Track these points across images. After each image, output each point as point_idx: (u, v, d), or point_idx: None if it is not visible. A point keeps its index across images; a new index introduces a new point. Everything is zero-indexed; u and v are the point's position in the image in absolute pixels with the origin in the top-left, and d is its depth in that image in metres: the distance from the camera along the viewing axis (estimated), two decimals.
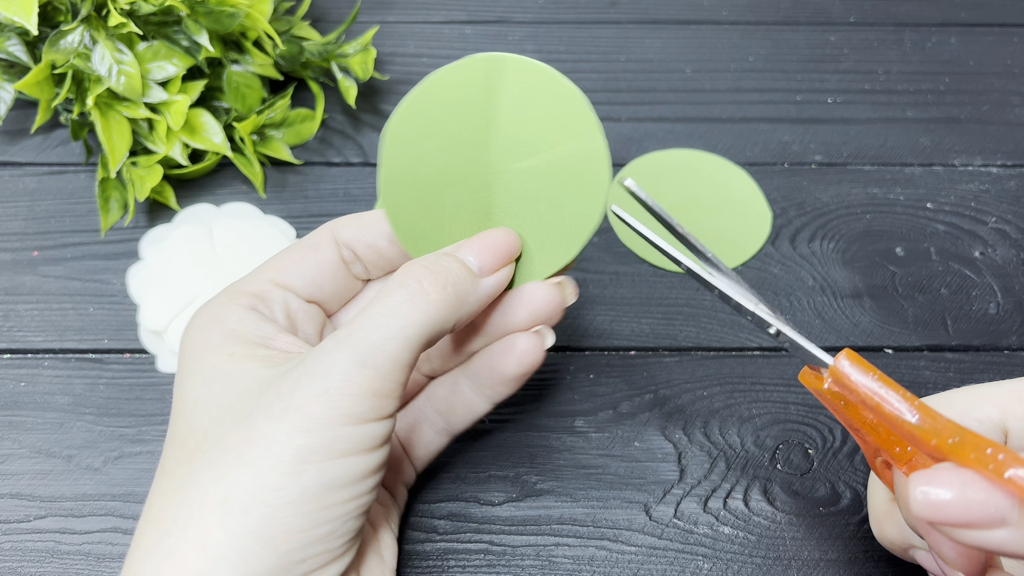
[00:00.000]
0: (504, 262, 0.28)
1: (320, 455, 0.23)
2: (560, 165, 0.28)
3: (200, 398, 0.25)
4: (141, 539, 0.24)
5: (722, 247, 0.42)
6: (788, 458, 0.35)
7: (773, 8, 0.53)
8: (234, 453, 0.23)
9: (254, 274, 0.29)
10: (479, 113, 0.28)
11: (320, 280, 0.29)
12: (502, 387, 0.29)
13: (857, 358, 0.25)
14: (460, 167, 0.28)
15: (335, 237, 0.29)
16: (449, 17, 0.52)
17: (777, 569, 0.33)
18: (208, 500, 0.23)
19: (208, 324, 0.27)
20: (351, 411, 0.23)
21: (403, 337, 0.24)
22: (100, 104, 0.40)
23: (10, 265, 0.41)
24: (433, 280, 0.25)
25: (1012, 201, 0.44)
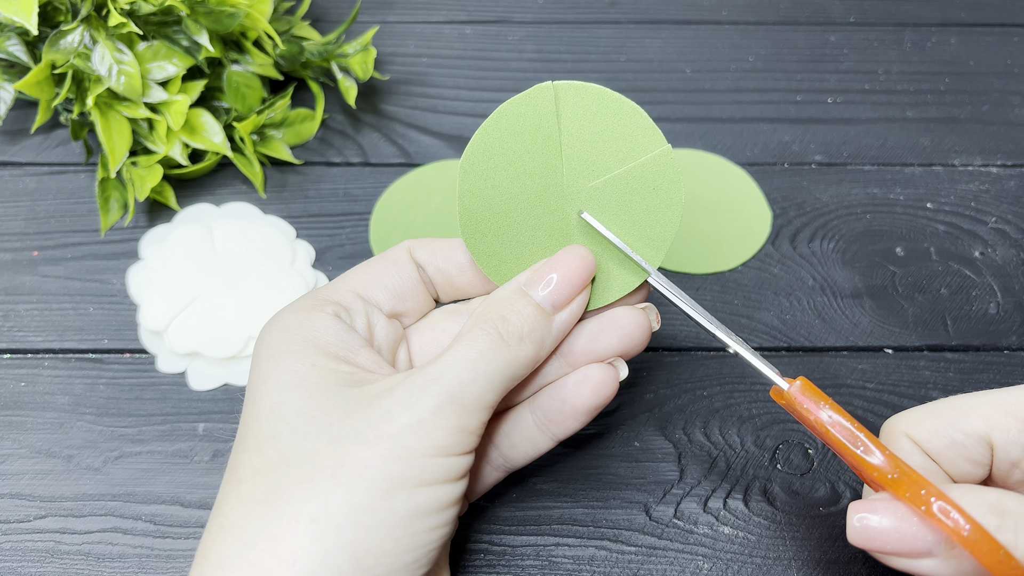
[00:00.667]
0: (577, 291, 0.28)
1: (411, 482, 0.24)
2: (632, 179, 0.29)
3: (277, 404, 0.25)
4: (216, 545, 0.24)
5: (722, 247, 0.42)
6: (788, 458, 0.35)
7: (773, 8, 0.53)
8: (326, 472, 0.24)
9: (337, 283, 0.29)
10: (548, 139, 0.28)
11: (403, 294, 0.30)
12: (571, 422, 0.29)
13: (810, 387, 0.26)
14: (534, 193, 0.29)
15: (412, 256, 0.30)
16: (449, 17, 0.52)
17: (777, 569, 0.33)
18: (299, 516, 0.23)
19: (291, 328, 0.27)
20: (441, 444, 0.24)
21: (488, 381, 0.26)
22: (100, 104, 0.40)
23: (10, 265, 0.41)
24: (511, 331, 0.27)
25: (1012, 201, 0.44)
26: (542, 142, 0.28)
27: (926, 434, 0.26)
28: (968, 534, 0.23)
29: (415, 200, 0.43)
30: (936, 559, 0.24)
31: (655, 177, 0.29)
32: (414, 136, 0.46)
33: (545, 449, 0.30)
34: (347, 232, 0.42)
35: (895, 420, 0.27)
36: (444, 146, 0.46)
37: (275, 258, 0.40)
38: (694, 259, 0.41)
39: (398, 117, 0.47)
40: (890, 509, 0.24)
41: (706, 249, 0.42)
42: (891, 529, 0.24)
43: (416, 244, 0.30)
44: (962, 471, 0.26)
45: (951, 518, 0.23)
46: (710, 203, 0.44)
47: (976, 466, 0.26)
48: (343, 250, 0.42)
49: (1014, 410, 0.26)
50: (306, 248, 0.41)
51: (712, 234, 0.42)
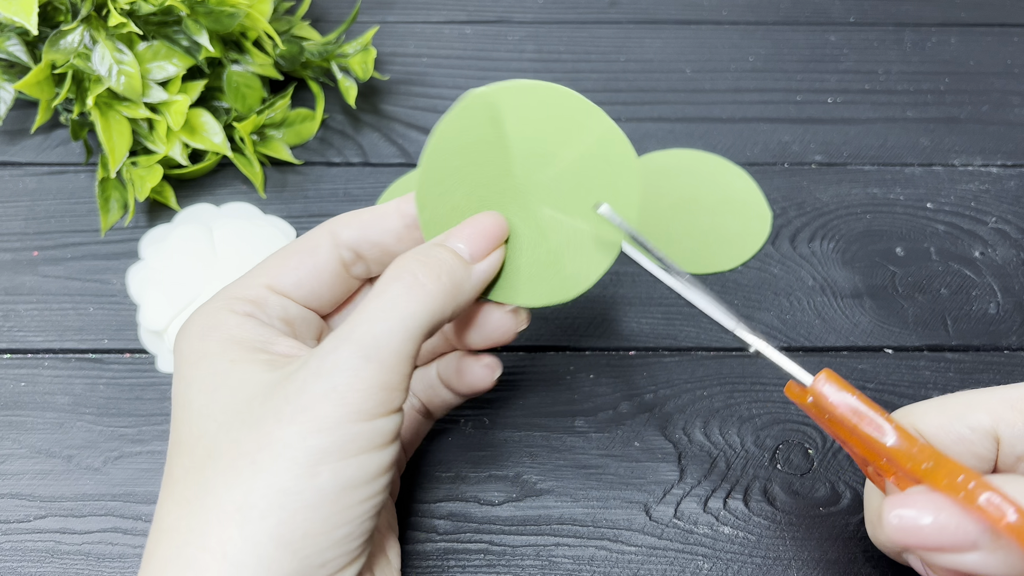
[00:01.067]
0: (493, 245, 0.28)
1: (334, 455, 0.23)
2: (583, 159, 0.29)
3: (204, 404, 0.25)
4: (156, 550, 0.24)
5: (722, 247, 0.42)
6: (788, 458, 0.35)
7: (773, 8, 0.53)
8: (247, 459, 0.23)
9: (248, 278, 0.28)
10: (492, 146, 0.28)
11: (318, 287, 0.28)
12: (469, 393, 0.30)
13: (836, 378, 0.25)
14: (494, 202, 0.29)
15: (335, 238, 0.29)
16: (449, 17, 0.52)
17: (777, 569, 0.33)
18: (225, 507, 0.23)
19: (205, 331, 0.26)
20: (360, 407, 0.23)
21: (404, 329, 0.24)
22: (100, 104, 0.40)
23: (10, 265, 0.41)
24: (427, 271, 0.25)
25: (1012, 201, 0.44)
26: (487, 151, 0.28)
27: (933, 429, 0.26)
28: (1014, 520, 0.21)
29: None
30: (982, 552, 0.22)
31: (603, 152, 0.29)
32: (414, 136, 0.46)
33: (457, 403, 0.31)
34: None
35: (901, 413, 0.27)
36: None
37: None
38: (694, 259, 0.41)
39: (398, 117, 0.47)
40: (928, 501, 0.23)
41: (706, 249, 0.42)
42: (932, 523, 0.23)
43: (340, 222, 0.29)
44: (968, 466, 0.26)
45: (994, 505, 0.22)
46: (710, 203, 0.44)
47: (981, 461, 0.26)
48: None
49: (1020, 404, 0.25)
50: None
51: (712, 234, 0.42)
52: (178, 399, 0.26)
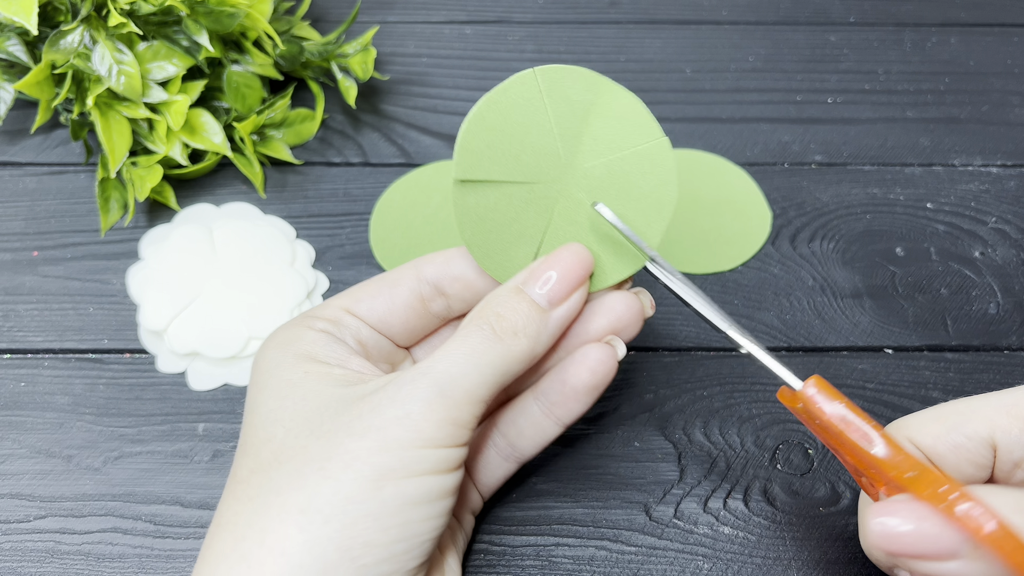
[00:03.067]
0: (575, 286, 0.28)
1: (399, 473, 0.24)
2: (628, 163, 0.29)
3: (274, 410, 0.26)
4: (213, 543, 0.25)
5: (722, 247, 0.42)
6: (788, 458, 0.35)
7: (773, 8, 0.53)
8: (315, 465, 0.24)
9: (329, 302, 0.30)
10: (542, 127, 0.28)
11: (389, 316, 0.30)
12: (574, 404, 0.29)
13: (825, 385, 0.26)
14: (530, 185, 0.29)
15: (418, 272, 0.30)
16: (449, 17, 0.52)
17: (777, 569, 0.33)
18: (288, 508, 0.24)
19: (283, 344, 0.28)
20: (429, 436, 0.25)
21: (479, 375, 0.26)
22: (100, 104, 0.40)
23: (10, 265, 0.41)
24: (505, 327, 0.27)
25: (1012, 201, 0.44)
26: (534, 133, 0.28)
27: (930, 439, 0.26)
28: (991, 531, 0.22)
29: (415, 200, 0.43)
30: (963, 560, 0.23)
31: (649, 163, 0.29)
32: (414, 136, 0.46)
33: (553, 435, 0.30)
34: (347, 232, 0.42)
35: (897, 425, 0.27)
36: (444, 146, 0.46)
37: (275, 258, 0.40)
38: (694, 259, 0.41)
39: (398, 117, 0.47)
40: (910, 510, 0.23)
41: (706, 249, 0.42)
42: (914, 531, 0.23)
43: (424, 260, 0.30)
44: (965, 474, 0.26)
45: (972, 515, 0.22)
46: (710, 203, 0.44)
47: (979, 469, 0.26)
48: (343, 250, 0.42)
49: (1015, 411, 0.25)
50: (306, 248, 0.41)
51: (712, 234, 0.42)
52: (250, 404, 0.27)
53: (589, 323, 0.29)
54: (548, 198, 0.29)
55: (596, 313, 0.29)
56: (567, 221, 0.29)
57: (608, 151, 0.29)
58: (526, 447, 0.31)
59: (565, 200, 0.29)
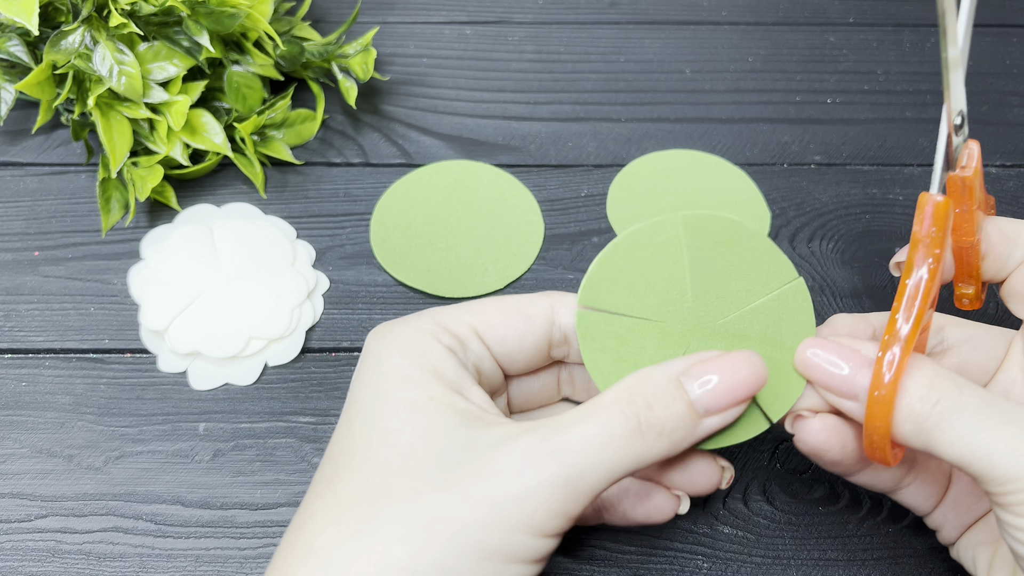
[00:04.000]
0: (738, 400, 0.25)
1: (502, 556, 0.23)
2: (763, 312, 0.28)
3: (391, 432, 0.25)
4: (302, 569, 0.24)
5: None
6: (787, 458, 0.35)
7: (773, 8, 0.53)
8: (424, 520, 0.23)
9: (458, 313, 0.28)
10: (673, 270, 0.27)
11: (517, 353, 0.28)
12: (620, 522, 0.29)
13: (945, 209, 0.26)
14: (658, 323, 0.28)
15: (554, 315, 0.28)
16: (449, 18, 0.52)
17: (776, 569, 0.33)
18: (389, 561, 0.23)
19: (408, 349, 0.26)
20: (541, 524, 0.23)
21: (608, 470, 0.24)
22: (101, 104, 0.40)
23: (11, 265, 0.41)
24: (652, 423, 0.24)
25: (1011, 201, 0.44)
26: (667, 277, 0.27)
27: None
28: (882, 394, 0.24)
29: (415, 201, 0.43)
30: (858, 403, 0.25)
31: (787, 308, 0.28)
32: (414, 136, 0.46)
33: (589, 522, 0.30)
34: (347, 232, 0.42)
35: None
36: (444, 146, 0.46)
37: (276, 258, 0.40)
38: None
39: (398, 117, 0.47)
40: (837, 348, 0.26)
41: None
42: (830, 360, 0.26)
43: (564, 301, 0.28)
44: None
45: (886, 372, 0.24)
46: (710, 203, 0.44)
47: None
48: (343, 250, 0.42)
49: None
50: (307, 248, 0.41)
51: None
52: (363, 409, 0.26)
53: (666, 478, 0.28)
54: (678, 337, 0.28)
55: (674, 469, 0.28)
56: None
57: (741, 302, 0.28)
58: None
59: (696, 342, 0.27)
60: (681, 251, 0.28)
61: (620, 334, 0.27)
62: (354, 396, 0.26)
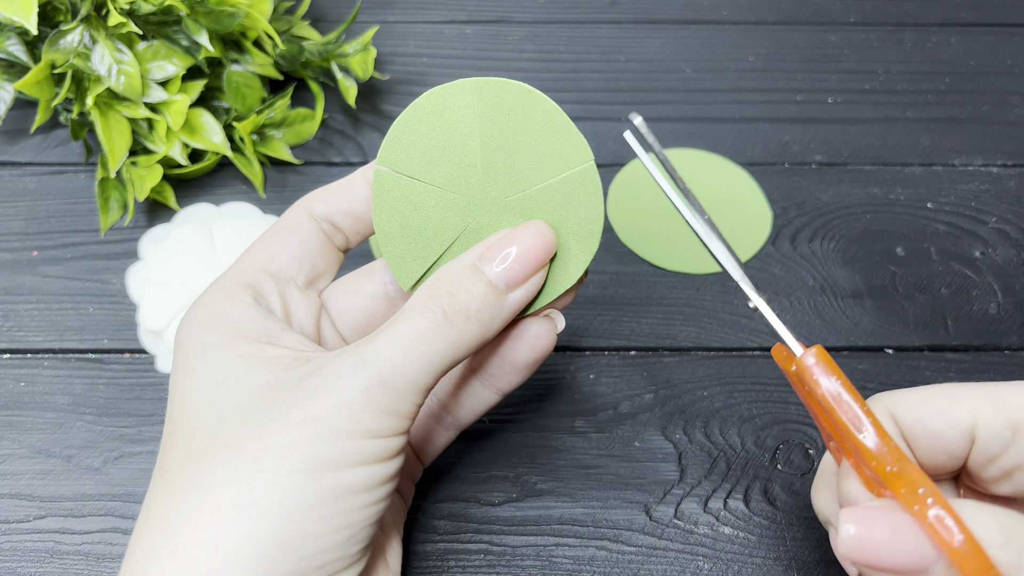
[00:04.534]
0: (535, 268, 0.26)
1: (338, 464, 0.23)
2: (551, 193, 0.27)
3: (204, 397, 0.25)
4: (141, 538, 0.24)
5: None
6: (788, 458, 0.35)
7: (773, 8, 0.53)
8: (248, 456, 0.23)
9: (243, 263, 0.28)
10: (467, 140, 0.27)
11: (312, 258, 0.29)
12: (513, 376, 0.29)
13: (826, 358, 0.25)
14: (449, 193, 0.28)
15: (311, 213, 0.29)
16: (449, 17, 0.52)
17: (777, 569, 0.33)
18: (222, 502, 0.23)
19: (209, 322, 0.26)
20: (369, 427, 0.24)
21: (425, 363, 0.24)
22: (100, 104, 0.40)
23: (10, 265, 0.41)
24: (458, 310, 0.25)
25: (1012, 201, 0.44)
26: (460, 143, 0.27)
27: (911, 419, 0.25)
28: (959, 545, 0.21)
29: None
30: None
31: (577, 189, 0.27)
32: None
33: (493, 403, 0.30)
34: None
35: (882, 397, 0.26)
36: None
37: None
38: (694, 259, 0.41)
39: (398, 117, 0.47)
40: (886, 517, 0.22)
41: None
42: (885, 539, 0.22)
43: (311, 198, 0.29)
44: (936, 462, 0.26)
45: (944, 525, 0.21)
46: (710, 203, 0.43)
47: (951, 459, 0.26)
48: None
49: (1002, 405, 0.25)
50: None
51: None
52: (176, 389, 0.26)
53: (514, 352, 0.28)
54: (465, 209, 0.28)
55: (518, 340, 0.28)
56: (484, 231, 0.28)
57: (532, 180, 0.27)
58: (465, 416, 0.30)
59: (483, 216, 0.28)
60: (473, 120, 0.27)
61: (411, 198, 0.28)
62: (170, 388, 0.26)
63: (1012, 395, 0.25)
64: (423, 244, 0.28)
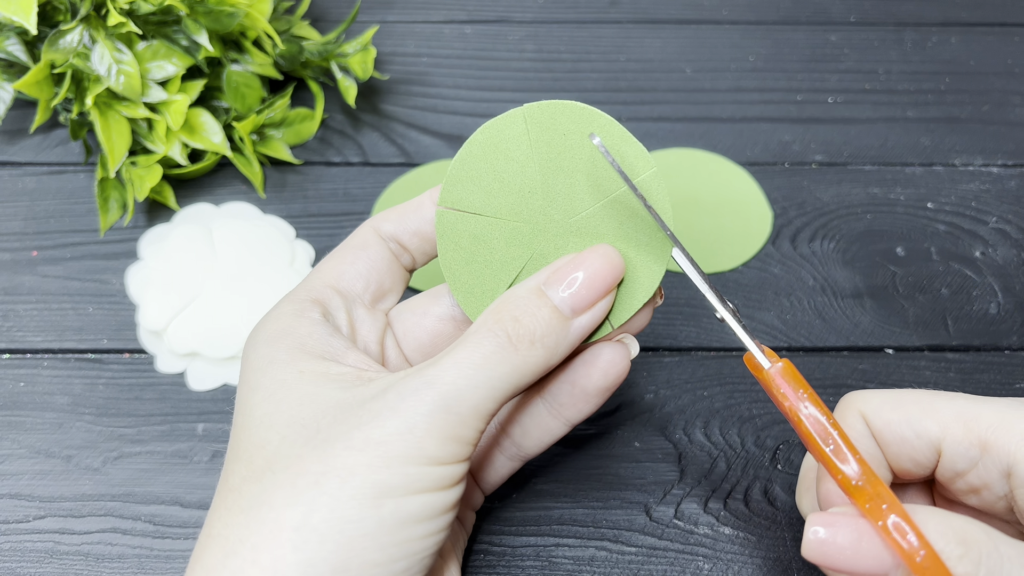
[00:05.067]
0: (601, 294, 0.26)
1: (399, 491, 0.23)
2: (616, 206, 0.27)
3: (268, 414, 0.25)
4: (202, 556, 0.24)
5: (723, 247, 0.42)
6: (788, 458, 0.35)
7: (773, 8, 0.53)
8: (310, 479, 0.23)
9: (312, 280, 0.28)
10: (526, 169, 0.27)
11: (380, 277, 0.29)
12: (583, 405, 0.28)
13: (793, 372, 0.25)
14: (512, 223, 0.27)
15: (379, 233, 0.29)
16: (449, 16, 0.52)
17: (777, 570, 0.33)
18: (282, 525, 0.23)
19: (275, 336, 0.26)
20: (432, 453, 0.23)
21: (489, 388, 0.24)
22: (99, 104, 0.40)
23: (9, 265, 0.41)
24: (522, 335, 0.25)
25: (1013, 201, 0.44)
26: (518, 169, 0.27)
27: (880, 423, 0.26)
28: (921, 560, 0.22)
29: None
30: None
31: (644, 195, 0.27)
32: (414, 136, 0.46)
33: (560, 434, 0.29)
34: (347, 232, 0.42)
35: (855, 397, 0.26)
36: (444, 146, 0.46)
37: (274, 258, 0.40)
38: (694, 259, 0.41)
39: (398, 117, 0.47)
40: (850, 524, 0.23)
41: (706, 249, 0.42)
42: (848, 545, 0.23)
43: (379, 219, 0.29)
44: (903, 468, 0.26)
45: (907, 539, 0.22)
46: (710, 203, 0.43)
47: (919, 467, 0.26)
48: None
49: (972, 423, 0.25)
50: (305, 248, 0.41)
51: (712, 234, 0.42)
52: (241, 405, 0.26)
53: (586, 379, 0.28)
54: (530, 236, 0.27)
55: (590, 365, 0.28)
56: (550, 256, 0.28)
57: (595, 198, 0.27)
58: (531, 446, 0.30)
59: (549, 241, 0.27)
60: (529, 147, 0.27)
61: (474, 233, 0.28)
62: (236, 402, 0.26)
63: (983, 413, 0.25)
64: (491, 276, 0.28)
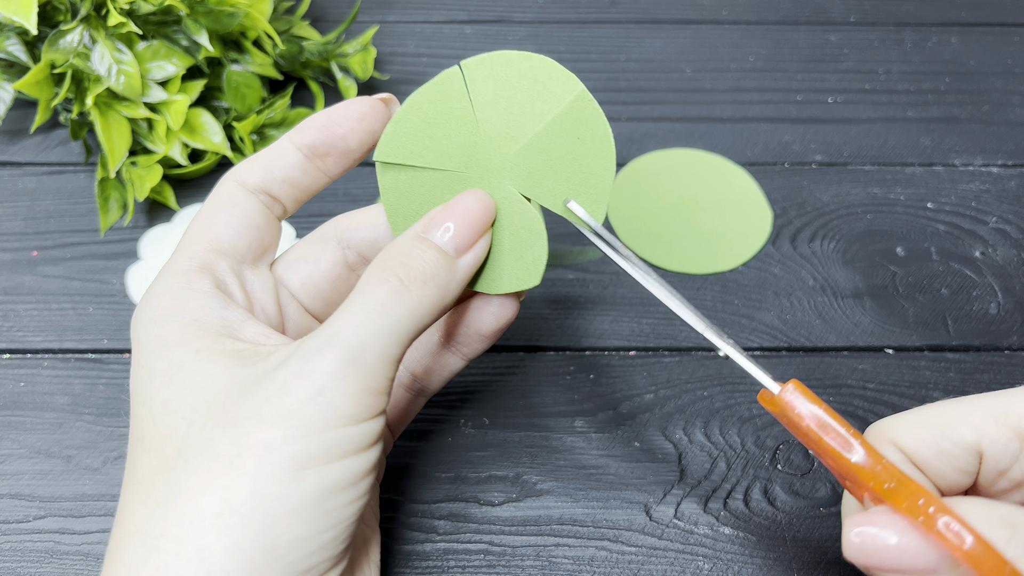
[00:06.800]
0: (479, 232, 0.27)
1: (319, 459, 0.22)
2: (553, 134, 0.27)
3: (169, 400, 0.24)
4: (120, 554, 0.23)
5: (722, 247, 0.42)
6: (788, 458, 0.35)
7: (773, 8, 0.53)
8: (224, 462, 0.22)
9: (190, 246, 0.27)
10: (462, 119, 0.28)
11: (259, 233, 0.28)
12: (479, 344, 0.29)
13: (803, 389, 0.25)
14: (458, 176, 0.28)
15: (245, 186, 0.28)
16: (449, 16, 0.52)
17: (777, 570, 0.33)
18: (202, 512, 0.22)
19: (166, 314, 0.25)
20: (347, 412, 0.23)
21: (391, 333, 0.24)
22: (99, 104, 0.40)
23: (9, 265, 0.41)
24: (412, 276, 0.25)
25: (1013, 201, 0.44)
26: (457, 123, 0.27)
27: (914, 443, 0.25)
28: (970, 547, 0.21)
29: None
30: None
31: (577, 126, 0.27)
32: None
33: (458, 369, 0.30)
34: None
35: (880, 427, 0.26)
36: None
37: None
38: (694, 259, 0.41)
39: None
40: (891, 522, 0.23)
41: (706, 249, 0.42)
42: (894, 544, 0.22)
43: (241, 170, 0.28)
44: (949, 480, 0.26)
45: (952, 530, 0.22)
46: (710, 203, 0.43)
47: (964, 475, 0.25)
48: None
49: (1004, 418, 0.25)
50: None
51: (712, 234, 0.42)
52: (139, 391, 0.25)
53: (479, 323, 0.29)
54: (474, 181, 0.28)
55: (482, 310, 0.29)
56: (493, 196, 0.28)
57: (528, 130, 0.27)
58: (433, 382, 0.30)
59: (491, 183, 0.28)
60: (466, 96, 0.27)
61: (417, 186, 0.28)
62: (131, 387, 0.25)
63: (1011, 406, 0.25)
64: None
